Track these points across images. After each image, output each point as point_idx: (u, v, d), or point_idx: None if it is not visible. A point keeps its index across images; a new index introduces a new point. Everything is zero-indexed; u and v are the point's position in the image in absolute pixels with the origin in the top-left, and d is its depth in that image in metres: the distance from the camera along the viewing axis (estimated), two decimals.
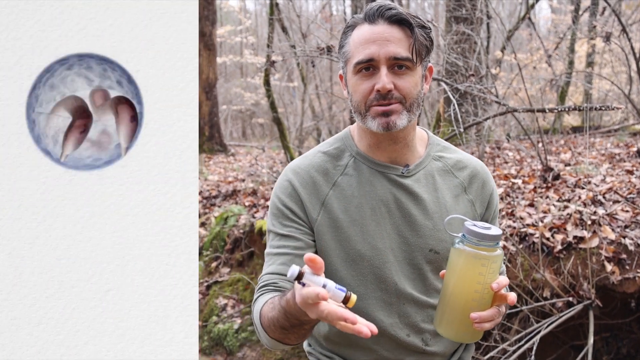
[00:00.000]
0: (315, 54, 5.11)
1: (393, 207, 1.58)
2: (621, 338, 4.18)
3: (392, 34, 1.49)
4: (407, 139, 1.59)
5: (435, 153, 1.66)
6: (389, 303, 1.60)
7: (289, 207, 1.60)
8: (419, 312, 1.61)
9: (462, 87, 4.80)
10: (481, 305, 1.34)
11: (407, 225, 1.58)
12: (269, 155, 9.93)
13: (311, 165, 1.63)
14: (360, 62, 1.50)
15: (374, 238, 1.57)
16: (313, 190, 1.60)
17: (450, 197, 1.62)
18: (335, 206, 1.58)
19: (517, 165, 6.04)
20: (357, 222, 1.57)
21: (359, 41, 1.52)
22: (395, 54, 1.48)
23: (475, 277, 1.32)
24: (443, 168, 1.65)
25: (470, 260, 1.31)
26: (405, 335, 1.60)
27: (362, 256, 1.57)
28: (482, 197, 1.67)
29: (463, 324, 1.36)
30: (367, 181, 1.59)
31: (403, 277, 1.59)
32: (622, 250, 3.57)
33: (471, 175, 1.66)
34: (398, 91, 1.49)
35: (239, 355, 4.98)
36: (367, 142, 1.61)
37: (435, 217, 1.59)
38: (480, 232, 1.29)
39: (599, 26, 6.58)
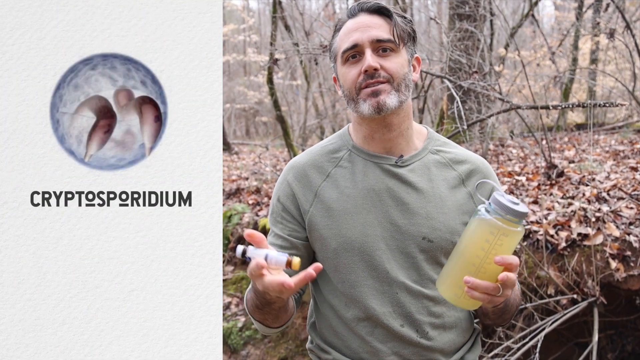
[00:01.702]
0: (318, 52, 5.12)
1: (385, 196, 1.59)
2: (626, 335, 4.18)
3: (372, 20, 1.58)
4: (401, 128, 1.62)
5: (434, 147, 1.67)
6: (381, 291, 1.60)
7: (282, 203, 1.66)
8: (413, 301, 1.61)
9: (466, 85, 4.79)
10: (479, 272, 1.32)
11: (400, 213, 1.59)
12: (273, 154, 9.94)
13: (308, 161, 1.68)
14: (346, 49, 1.57)
15: (364, 226, 1.59)
16: (306, 183, 1.65)
17: (446, 187, 1.62)
18: (327, 196, 1.62)
19: (521, 163, 6.04)
20: (348, 210, 1.60)
21: (343, 34, 1.60)
22: (378, 37, 1.55)
23: (481, 242, 1.31)
24: (440, 161, 1.65)
25: (482, 224, 1.31)
26: (399, 325, 1.60)
27: (353, 244, 1.59)
28: (481, 192, 1.65)
29: (458, 286, 1.35)
30: (360, 172, 1.62)
31: (395, 265, 1.59)
32: (627, 247, 3.57)
33: (470, 170, 1.66)
34: (385, 70, 1.54)
35: (242, 354, 4.99)
36: (362, 134, 1.64)
37: (429, 205, 1.59)
38: (500, 200, 1.29)
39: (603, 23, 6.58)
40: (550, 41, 9.05)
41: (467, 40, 6.10)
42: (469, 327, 1.72)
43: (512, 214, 1.29)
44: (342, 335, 1.67)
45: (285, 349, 4.80)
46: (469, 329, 1.72)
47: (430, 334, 1.62)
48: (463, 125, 4.29)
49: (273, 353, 4.84)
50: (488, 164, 1.71)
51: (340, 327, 1.66)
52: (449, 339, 1.65)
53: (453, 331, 1.66)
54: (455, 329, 1.67)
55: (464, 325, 1.69)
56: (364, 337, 1.63)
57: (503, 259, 1.32)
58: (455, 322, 1.66)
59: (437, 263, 1.61)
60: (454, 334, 1.66)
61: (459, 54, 5.43)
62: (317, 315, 1.75)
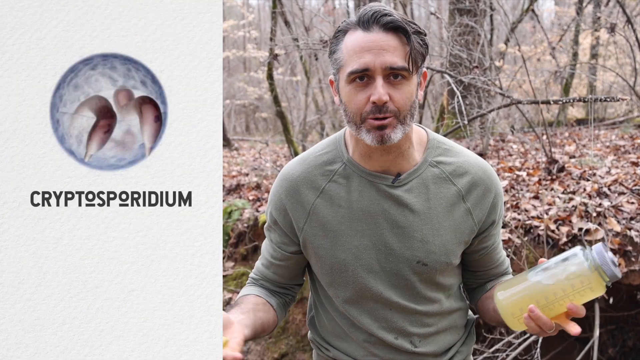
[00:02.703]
0: (318, 48, 5.11)
1: (380, 219, 1.55)
2: (627, 330, 4.19)
3: (387, 42, 1.43)
4: (401, 149, 1.55)
5: (434, 158, 1.60)
6: (374, 309, 1.60)
7: (275, 217, 1.66)
8: (406, 317, 1.60)
9: (466, 80, 4.79)
10: (546, 308, 1.35)
11: (395, 237, 1.55)
12: (273, 150, 9.94)
13: (300, 176, 1.62)
14: (355, 72, 1.44)
15: (358, 249, 1.56)
16: (299, 200, 1.60)
17: (444, 206, 1.57)
18: (321, 214, 1.58)
19: (522, 158, 6.03)
20: (342, 232, 1.57)
21: (352, 49, 1.46)
22: (392, 64, 1.42)
23: (567, 284, 1.33)
24: (440, 175, 1.58)
25: (577, 269, 1.32)
26: (394, 338, 1.61)
27: (347, 266, 1.58)
28: (482, 205, 1.60)
29: (519, 309, 1.38)
30: (355, 190, 1.57)
31: (389, 287, 1.58)
32: (628, 243, 3.58)
33: (471, 183, 1.59)
34: (393, 103, 1.44)
35: (243, 349, 5.00)
36: (360, 151, 1.57)
37: (425, 228, 1.55)
38: (604, 255, 1.30)
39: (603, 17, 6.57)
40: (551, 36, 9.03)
41: (467, 35, 6.10)
42: (463, 324, 1.73)
43: (609, 273, 1.30)
44: (340, 337, 1.68)
45: (285, 344, 4.81)
46: (463, 325, 1.73)
47: (424, 342, 1.63)
48: (464, 120, 4.29)
49: (274, 349, 4.84)
50: (491, 171, 1.64)
51: (338, 330, 1.67)
52: (443, 341, 1.66)
53: (447, 333, 1.67)
54: (449, 331, 1.68)
55: (458, 324, 1.70)
56: (360, 342, 1.64)
57: (576, 308, 1.33)
58: (449, 326, 1.67)
59: (432, 283, 1.60)
60: (447, 336, 1.68)
61: (459, 49, 5.43)
62: (315, 312, 1.75)
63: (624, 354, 4.15)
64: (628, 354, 4.14)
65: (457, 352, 1.71)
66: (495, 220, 1.64)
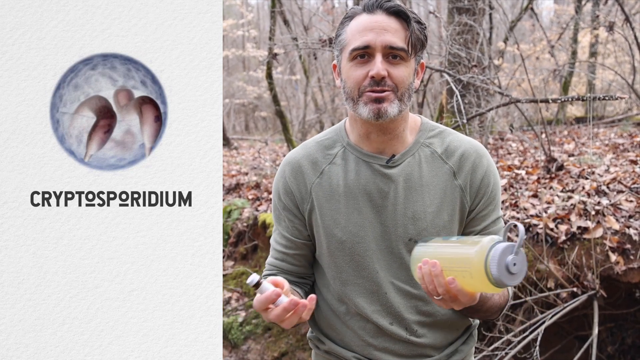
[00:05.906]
0: (318, 47, 5.11)
1: (376, 197, 1.60)
2: (626, 328, 4.19)
3: (389, 23, 1.52)
4: (397, 131, 1.60)
5: (426, 140, 1.64)
6: (370, 290, 1.63)
7: (283, 201, 1.68)
8: (402, 301, 1.62)
9: (465, 78, 4.79)
10: None
11: (389, 214, 1.59)
12: (272, 149, 9.94)
13: (303, 154, 1.68)
14: (357, 48, 1.52)
15: (355, 226, 1.60)
16: (302, 179, 1.65)
17: (436, 185, 1.60)
18: (320, 194, 1.63)
19: (521, 156, 6.04)
20: (339, 210, 1.61)
21: (356, 29, 1.54)
22: (392, 43, 1.50)
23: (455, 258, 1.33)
24: (432, 155, 1.63)
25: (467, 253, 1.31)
26: (388, 323, 1.63)
27: (344, 244, 1.61)
28: (473, 180, 1.62)
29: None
30: (352, 170, 1.62)
31: (385, 266, 1.61)
32: (627, 240, 3.58)
33: (461, 158, 1.62)
34: (391, 79, 1.51)
35: (243, 349, 5.00)
36: (358, 133, 1.63)
37: (417, 205, 1.59)
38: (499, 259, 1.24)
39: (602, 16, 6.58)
40: (550, 34, 9.04)
41: (466, 34, 6.09)
42: (463, 323, 1.73)
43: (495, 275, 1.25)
44: (336, 327, 1.69)
45: (285, 343, 4.81)
46: (463, 324, 1.73)
47: (420, 332, 1.64)
48: (462, 119, 4.29)
49: (274, 348, 4.85)
50: (483, 150, 1.66)
51: (334, 320, 1.69)
52: (441, 336, 1.67)
53: (445, 328, 1.68)
54: (447, 326, 1.68)
55: (457, 321, 1.70)
56: (356, 330, 1.65)
57: (454, 284, 1.33)
58: (448, 320, 1.67)
59: None
60: (445, 331, 1.68)
61: (458, 48, 5.42)
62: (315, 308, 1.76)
63: (623, 351, 4.15)
64: (627, 351, 4.14)
65: (457, 350, 1.71)
66: (488, 198, 1.65)
